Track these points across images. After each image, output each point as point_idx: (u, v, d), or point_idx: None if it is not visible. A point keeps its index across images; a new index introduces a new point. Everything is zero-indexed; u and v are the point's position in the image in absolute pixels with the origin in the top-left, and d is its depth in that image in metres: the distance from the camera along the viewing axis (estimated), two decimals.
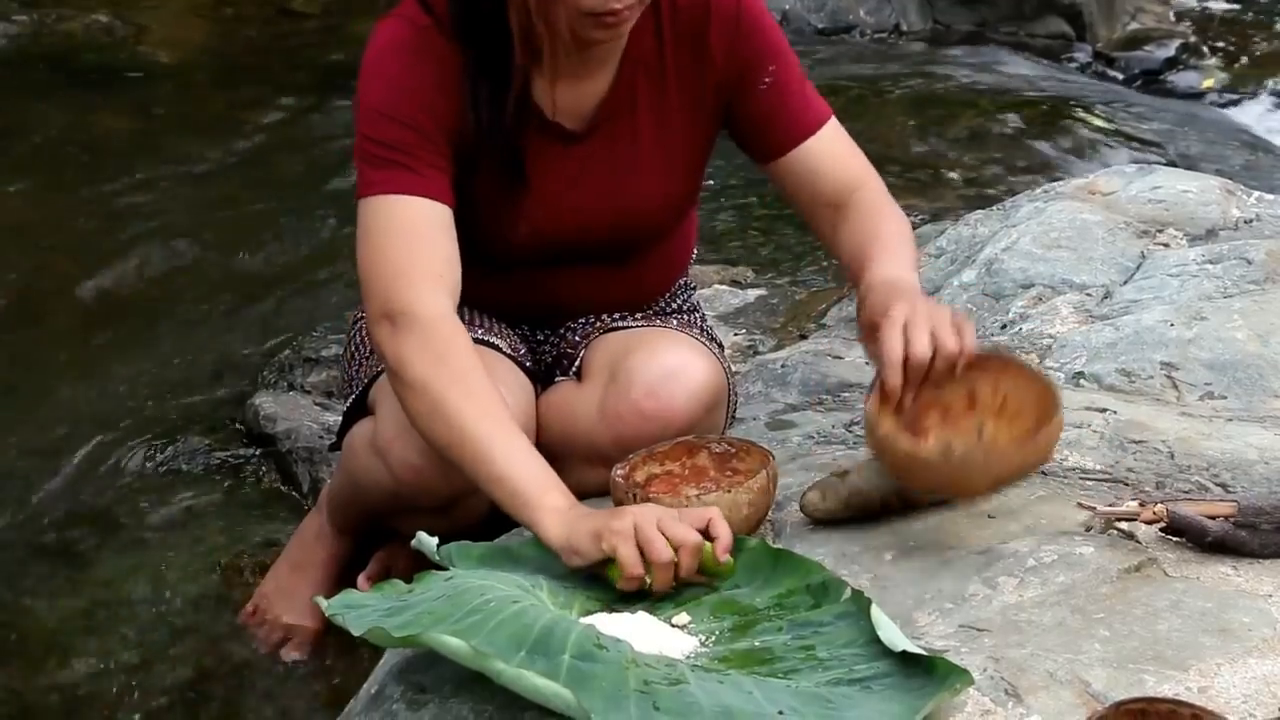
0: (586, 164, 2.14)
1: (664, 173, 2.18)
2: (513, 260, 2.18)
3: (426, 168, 2.00)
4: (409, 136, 2.00)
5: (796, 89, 2.16)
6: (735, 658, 1.68)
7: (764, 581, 1.81)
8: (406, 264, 1.96)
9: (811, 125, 2.17)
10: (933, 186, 4.20)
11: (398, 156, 2.00)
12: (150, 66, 5.03)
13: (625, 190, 2.16)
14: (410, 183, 1.99)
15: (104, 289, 3.52)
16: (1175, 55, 5.65)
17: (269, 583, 2.39)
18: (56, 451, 2.87)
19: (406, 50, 2.04)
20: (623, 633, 1.69)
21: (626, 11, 1.96)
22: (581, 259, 2.21)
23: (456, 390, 1.89)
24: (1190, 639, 1.67)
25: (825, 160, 2.17)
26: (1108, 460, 2.11)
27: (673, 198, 2.22)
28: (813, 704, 1.57)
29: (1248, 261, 2.69)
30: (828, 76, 5.06)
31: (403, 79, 2.02)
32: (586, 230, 2.16)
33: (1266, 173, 4.46)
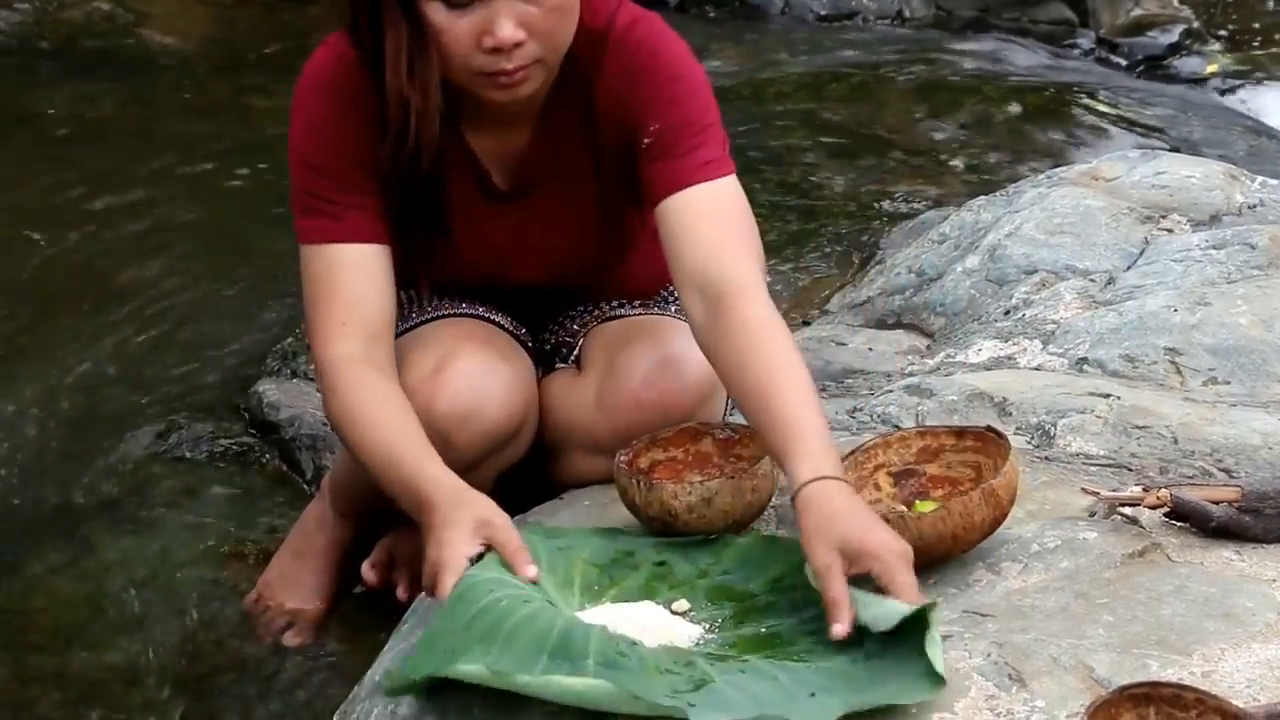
0: (519, 222, 2.12)
1: (596, 225, 2.15)
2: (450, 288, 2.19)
3: (344, 210, 2.02)
4: (327, 183, 2.03)
5: (685, 143, 1.99)
6: (744, 644, 1.69)
7: (755, 569, 1.81)
8: (319, 319, 2.01)
9: (686, 179, 1.97)
10: (936, 173, 4.19)
11: (318, 204, 2.03)
12: (152, 53, 5.02)
13: (562, 246, 2.15)
14: (331, 230, 2.02)
15: (106, 276, 3.51)
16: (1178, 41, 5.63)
17: (272, 570, 2.39)
18: (59, 439, 2.87)
19: (326, 87, 2.04)
20: (630, 627, 1.69)
21: (521, 73, 1.92)
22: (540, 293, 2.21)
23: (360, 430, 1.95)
24: (1194, 624, 1.67)
25: (687, 222, 1.96)
26: (1111, 446, 2.11)
27: (612, 242, 2.19)
28: (840, 681, 1.58)
29: (1251, 247, 2.69)
30: (830, 63, 5.06)
31: (319, 119, 2.04)
32: (531, 279, 2.17)
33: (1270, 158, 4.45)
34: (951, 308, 2.83)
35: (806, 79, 4.80)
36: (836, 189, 3.85)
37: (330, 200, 2.02)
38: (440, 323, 2.17)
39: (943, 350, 2.66)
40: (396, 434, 1.92)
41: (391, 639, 1.91)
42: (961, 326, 2.75)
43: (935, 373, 2.49)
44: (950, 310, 2.83)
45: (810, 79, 4.80)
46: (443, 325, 2.16)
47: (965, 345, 2.62)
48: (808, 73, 4.90)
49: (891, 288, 3.01)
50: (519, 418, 2.10)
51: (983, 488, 1.78)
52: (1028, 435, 2.16)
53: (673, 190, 1.98)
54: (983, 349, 2.57)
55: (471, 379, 2.05)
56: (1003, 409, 2.23)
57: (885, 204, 3.87)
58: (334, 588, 2.37)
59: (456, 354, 2.07)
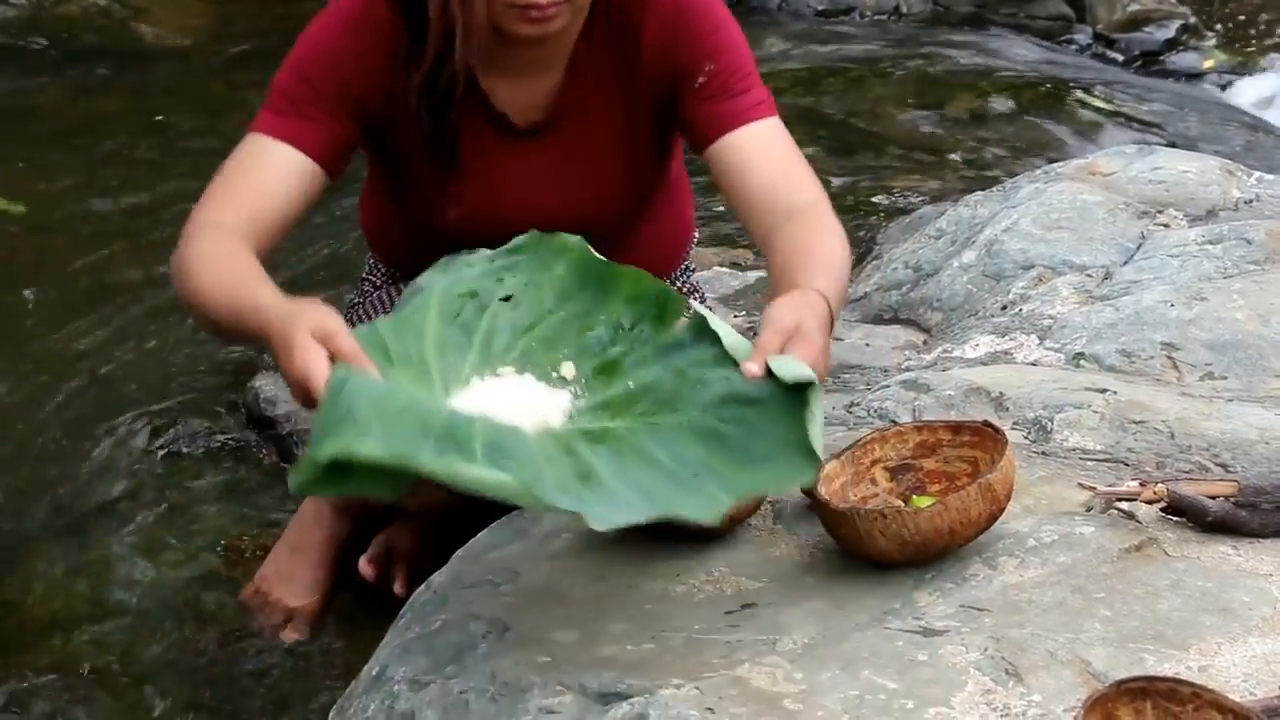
0: (536, 160, 2.13)
1: (615, 171, 2.16)
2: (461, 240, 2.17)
3: (301, 119, 2.02)
4: (301, 90, 2.03)
5: (737, 85, 2.07)
6: (616, 404, 1.69)
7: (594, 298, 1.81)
8: (215, 190, 2.00)
9: (742, 118, 2.06)
10: (933, 168, 4.19)
11: (281, 103, 2.03)
12: (149, 48, 5.02)
13: (577, 188, 2.15)
14: (277, 126, 2.02)
15: (102, 270, 3.51)
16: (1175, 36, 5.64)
17: (269, 565, 2.40)
18: (55, 434, 2.87)
19: (342, 19, 2.06)
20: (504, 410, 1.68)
21: (552, 8, 1.93)
22: None
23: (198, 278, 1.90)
24: (1191, 618, 1.68)
25: (754, 156, 2.05)
26: (1108, 440, 2.11)
27: (632, 194, 2.20)
28: (717, 449, 1.61)
29: (1248, 242, 2.69)
30: (828, 58, 5.06)
31: (324, 43, 2.06)
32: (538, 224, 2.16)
33: (1267, 153, 4.45)
34: (948, 303, 2.83)
35: (803, 74, 4.81)
36: (833, 184, 3.85)
37: (294, 103, 2.02)
38: None
39: (939, 345, 2.66)
40: (231, 275, 1.88)
41: (389, 633, 1.91)
42: (958, 322, 2.75)
43: (932, 368, 2.49)
44: (947, 305, 2.83)
45: (807, 74, 4.80)
46: None
47: (962, 340, 2.62)
48: (805, 67, 4.90)
49: (888, 283, 3.01)
50: None
51: (979, 482, 1.78)
52: (1024, 430, 2.16)
53: (733, 127, 2.05)
54: (979, 344, 2.57)
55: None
56: (999, 404, 2.23)
57: (882, 199, 3.87)
58: (331, 583, 2.37)
59: None
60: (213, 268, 1.89)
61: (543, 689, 1.63)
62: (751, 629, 1.73)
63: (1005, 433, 1.86)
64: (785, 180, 2.04)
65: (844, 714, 1.56)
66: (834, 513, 1.81)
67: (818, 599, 1.78)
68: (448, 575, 1.97)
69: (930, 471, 1.93)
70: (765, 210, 2.01)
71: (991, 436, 1.88)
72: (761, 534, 1.95)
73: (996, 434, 1.87)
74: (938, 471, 1.93)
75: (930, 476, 1.93)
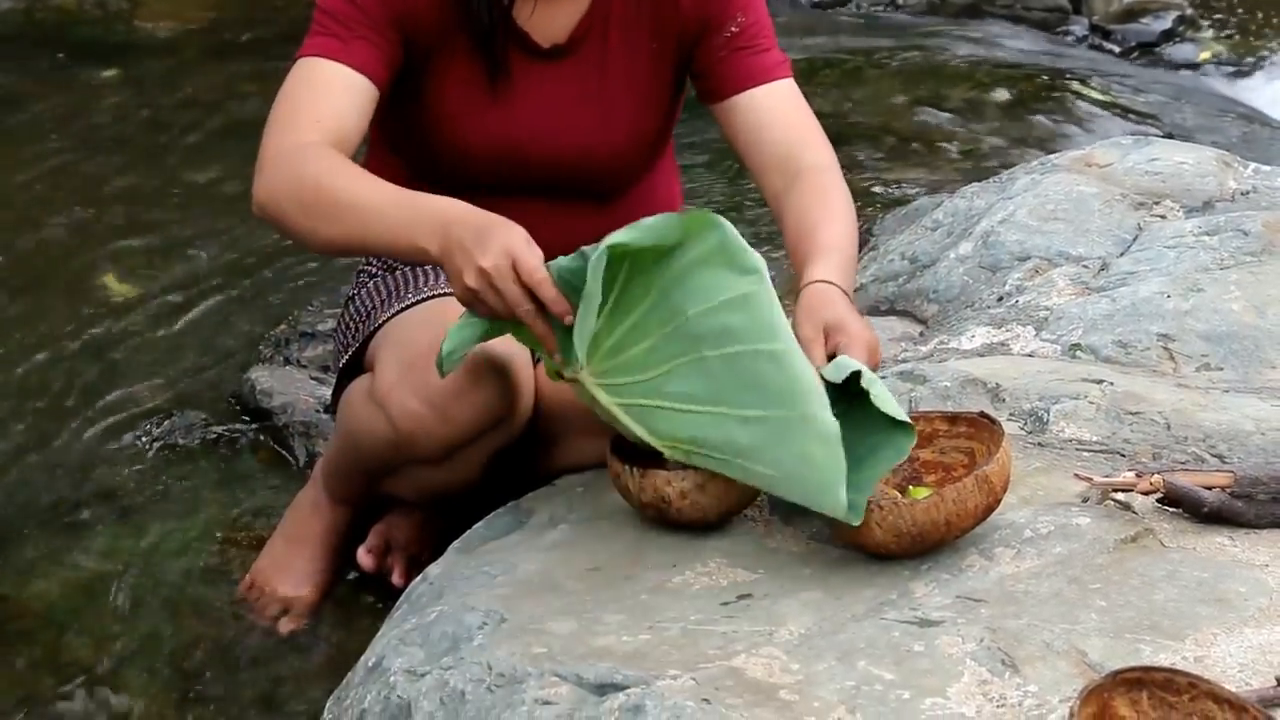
0: (554, 84, 2.16)
1: (630, 106, 2.20)
2: (474, 180, 2.18)
3: (354, 39, 2.05)
4: (349, 11, 2.06)
5: (761, 43, 2.18)
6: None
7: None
8: (287, 112, 2.02)
9: (765, 76, 2.17)
10: (929, 159, 4.19)
11: (332, 26, 2.06)
12: (145, 40, 5.01)
13: (590, 117, 2.18)
14: (333, 49, 2.05)
15: (99, 263, 3.51)
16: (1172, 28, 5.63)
17: (265, 556, 2.39)
18: (52, 426, 2.87)
19: None
20: None
21: None
22: (547, 191, 2.20)
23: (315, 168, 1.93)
24: (1187, 609, 1.68)
25: (773, 114, 2.17)
26: (1104, 431, 2.12)
27: (637, 133, 2.23)
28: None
29: (1244, 233, 2.69)
30: (824, 49, 5.05)
31: None
32: (552, 151, 2.18)
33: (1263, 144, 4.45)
34: (945, 294, 2.83)
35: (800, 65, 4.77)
36: None
37: (345, 24, 2.06)
38: (437, 301, 2.17)
39: (936, 337, 2.65)
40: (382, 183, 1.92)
41: (385, 624, 1.91)
42: (955, 313, 2.75)
43: (928, 359, 2.49)
44: (943, 297, 2.83)
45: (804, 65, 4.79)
46: (440, 303, 2.16)
47: (958, 332, 2.62)
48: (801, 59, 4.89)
49: (885, 274, 3.00)
50: (515, 392, 2.10)
51: (976, 473, 1.78)
52: (1021, 421, 2.17)
53: (757, 83, 2.16)
54: (976, 335, 2.57)
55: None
56: (996, 395, 2.23)
57: (878, 190, 3.86)
58: (328, 573, 2.37)
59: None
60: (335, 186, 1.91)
61: (539, 679, 1.63)
62: (748, 620, 1.73)
63: (1002, 424, 1.87)
64: (801, 141, 2.15)
65: (840, 704, 1.56)
66: None
67: (814, 590, 1.78)
68: (444, 566, 1.98)
69: (926, 462, 1.93)
70: (778, 170, 2.13)
71: (988, 427, 1.88)
72: (757, 525, 1.95)
73: (993, 425, 1.88)
74: (934, 462, 1.93)
75: (926, 467, 1.93)
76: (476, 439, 2.08)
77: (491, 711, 1.62)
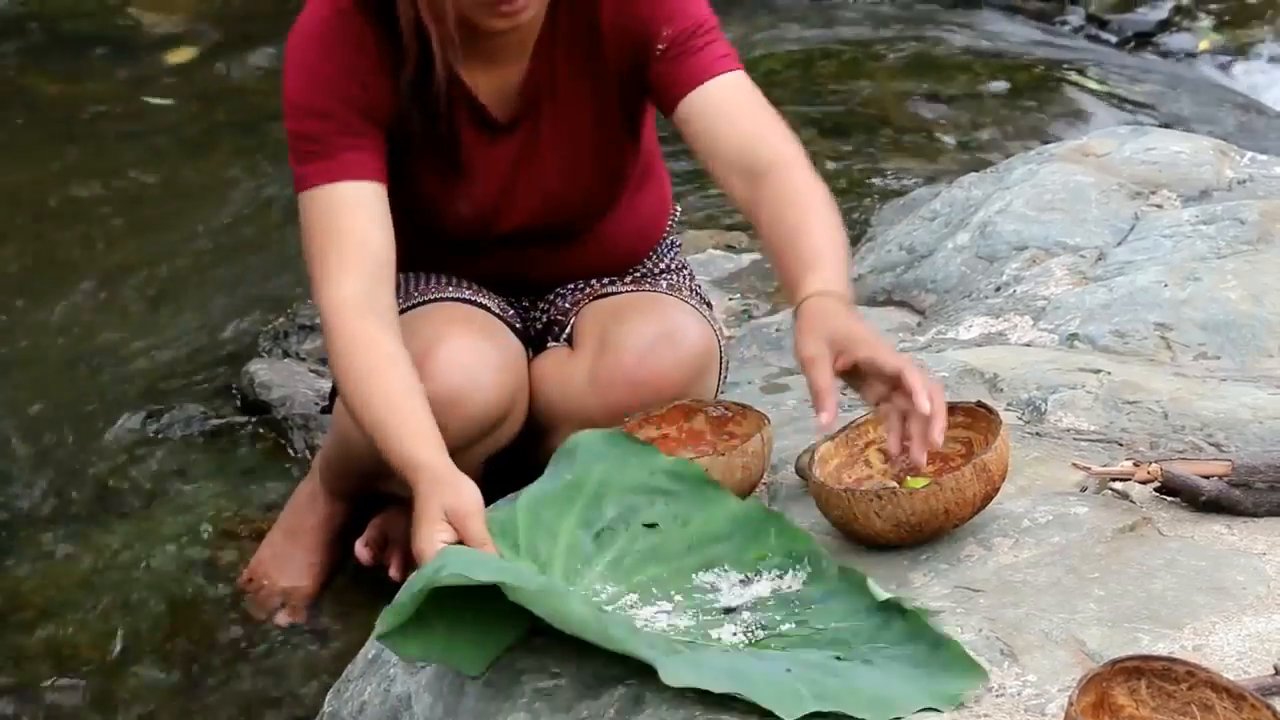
0: (517, 154, 2.13)
1: (590, 153, 2.15)
2: (463, 240, 2.18)
3: (339, 150, 2.02)
4: (323, 126, 2.02)
5: (696, 43, 2.05)
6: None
7: (748, 537, 1.79)
8: (319, 261, 2.00)
9: (707, 72, 2.04)
10: (926, 150, 4.19)
11: (314, 148, 2.02)
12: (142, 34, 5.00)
13: (558, 178, 2.14)
14: (325, 171, 2.02)
15: (98, 257, 3.51)
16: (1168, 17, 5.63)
17: (264, 549, 2.40)
18: (52, 419, 2.87)
19: (322, 36, 2.05)
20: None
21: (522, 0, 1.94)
22: (535, 240, 2.20)
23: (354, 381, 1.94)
24: (1185, 597, 1.68)
25: (722, 109, 2.03)
26: (1102, 421, 2.12)
27: (606, 174, 2.19)
28: (818, 670, 1.58)
29: (1241, 222, 2.69)
30: (821, 40, 5.05)
31: (316, 67, 2.04)
32: (528, 216, 2.16)
33: (1260, 133, 4.45)
34: (942, 284, 2.83)
35: (798, 56, 4.79)
36: (827, 166, 3.84)
37: (324, 142, 2.02)
38: (427, 308, 2.17)
39: (934, 327, 2.66)
40: (389, 406, 1.90)
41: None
42: (952, 303, 2.75)
43: (926, 349, 2.49)
44: (941, 287, 2.83)
45: (801, 56, 4.79)
46: (430, 310, 2.16)
47: (956, 322, 2.62)
48: (799, 50, 4.89)
49: (882, 265, 3.01)
50: (508, 401, 2.10)
51: (974, 462, 1.78)
52: (1019, 411, 2.17)
53: (699, 82, 2.03)
54: (973, 325, 2.57)
55: (459, 363, 2.05)
56: (994, 385, 2.23)
57: (876, 181, 3.86)
58: (327, 566, 2.37)
59: (444, 338, 2.07)
60: (370, 390, 1.91)
61: (537, 672, 1.63)
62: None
63: (999, 413, 1.87)
64: (756, 135, 2.02)
65: None
66: (829, 494, 1.81)
67: None
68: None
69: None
70: (739, 172, 2.01)
71: (986, 417, 1.88)
72: None
73: (991, 415, 1.88)
74: (932, 453, 1.93)
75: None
76: (471, 444, 2.08)
77: (491, 704, 1.62)
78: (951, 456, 1.90)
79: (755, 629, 1.66)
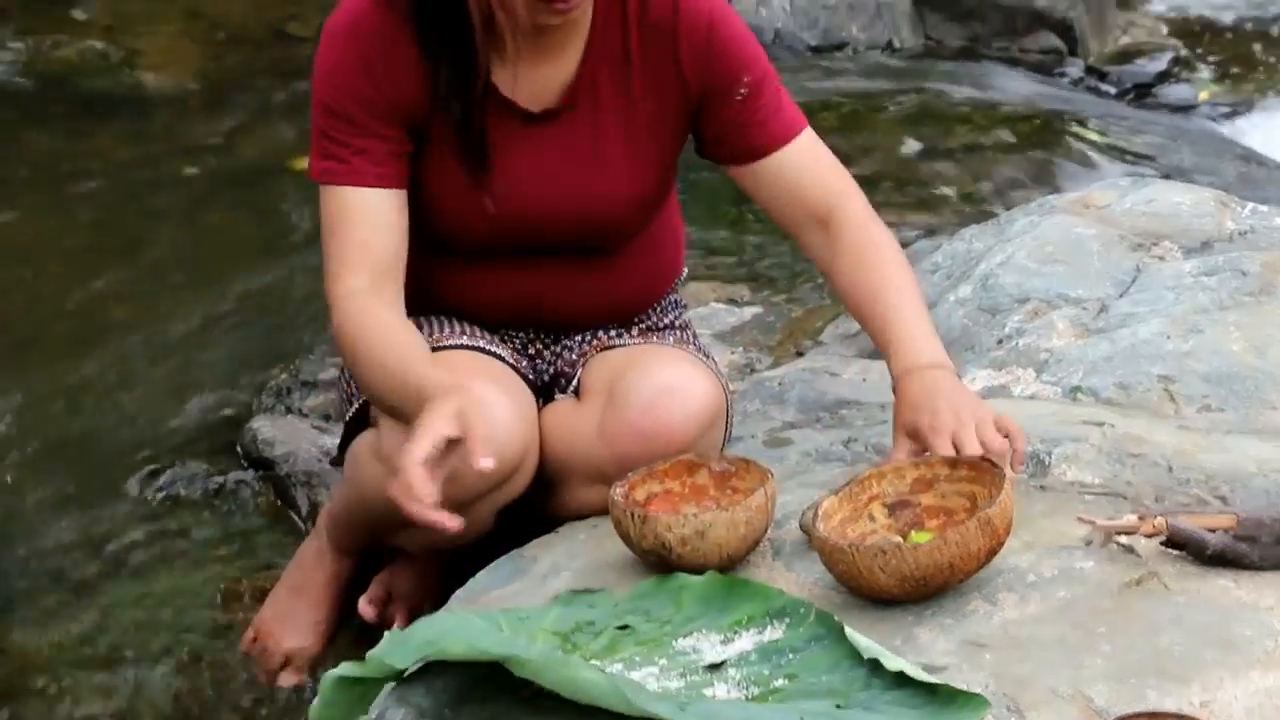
0: (546, 148, 2.16)
1: (626, 168, 2.18)
2: (481, 247, 2.19)
3: (353, 154, 2.10)
4: (341, 127, 2.10)
5: (771, 99, 2.19)
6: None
7: (719, 610, 1.79)
8: (329, 258, 2.12)
9: (789, 133, 2.20)
10: (928, 202, 4.20)
11: (330, 146, 2.11)
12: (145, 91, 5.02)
13: (587, 180, 2.17)
14: (337, 173, 2.10)
15: (99, 313, 3.51)
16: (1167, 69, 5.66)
17: (268, 608, 2.39)
18: (53, 477, 2.86)
19: (352, 33, 2.11)
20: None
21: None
22: (552, 251, 2.21)
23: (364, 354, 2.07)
24: (1192, 652, 1.67)
25: (805, 169, 2.20)
26: (1106, 474, 2.11)
27: (636, 194, 2.21)
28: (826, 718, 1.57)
29: (1243, 273, 2.69)
30: (822, 93, 5.07)
31: (343, 66, 2.11)
32: (551, 218, 2.17)
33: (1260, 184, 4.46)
34: (945, 337, 2.82)
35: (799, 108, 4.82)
36: None
37: (342, 143, 2.10)
38: (442, 354, 2.17)
39: None
40: (400, 352, 2.03)
41: None
42: (955, 356, 2.74)
43: None
44: (943, 340, 2.82)
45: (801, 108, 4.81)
46: (443, 358, 2.16)
47: (959, 375, 2.62)
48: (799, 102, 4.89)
49: None
50: (521, 452, 2.10)
51: (978, 517, 1.78)
52: (1022, 464, 2.16)
53: (783, 143, 2.19)
54: (976, 378, 2.57)
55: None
56: None
57: None
58: (331, 624, 2.36)
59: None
60: (377, 346, 2.05)
61: None
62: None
63: (1003, 467, 1.86)
64: (835, 191, 2.20)
65: None
66: (833, 549, 1.81)
67: None
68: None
69: (928, 507, 1.93)
70: (817, 220, 2.19)
71: (989, 471, 1.88)
72: (760, 570, 1.94)
73: (995, 468, 1.87)
74: (936, 507, 1.92)
75: (929, 512, 1.92)
76: (483, 496, 2.07)
77: None
78: (956, 511, 1.90)
79: (748, 685, 1.66)
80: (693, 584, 1.85)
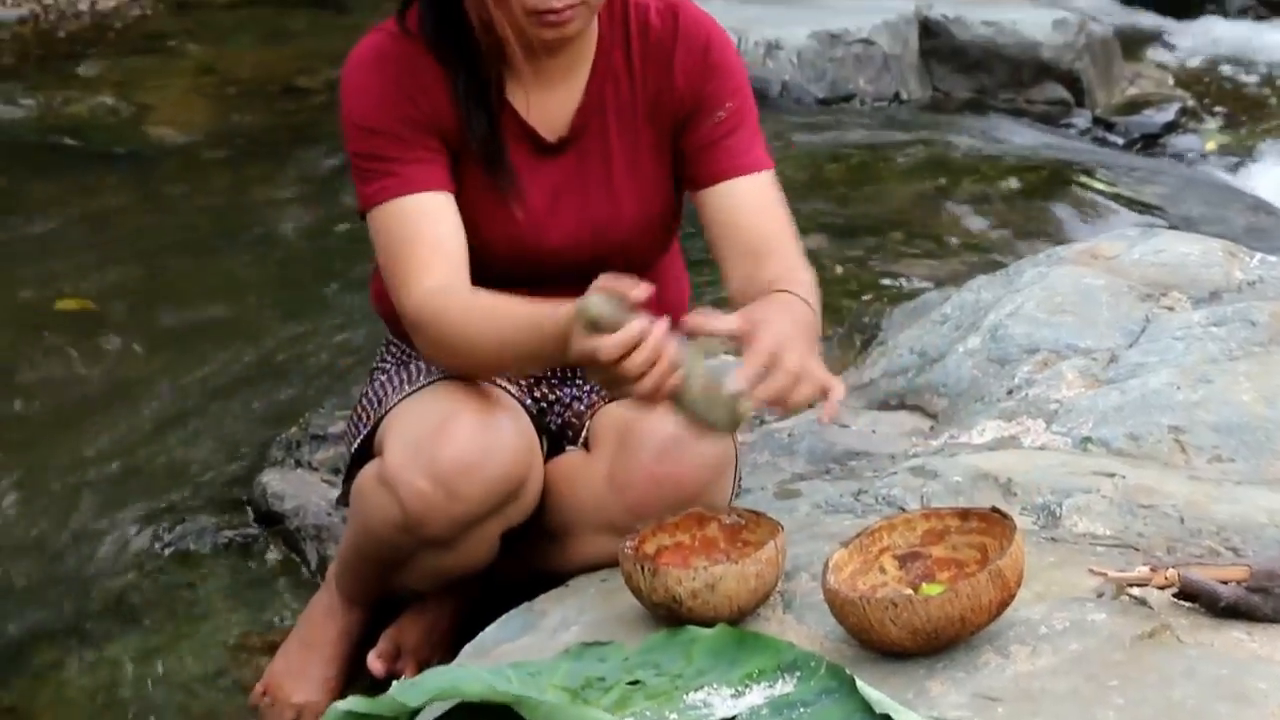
0: (563, 178, 2.18)
1: (637, 190, 2.21)
2: (496, 277, 2.19)
3: (404, 165, 2.10)
4: (384, 144, 2.11)
5: (746, 132, 2.20)
6: None
7: (730, 663, 1.79)
8: (400, 268, 2.09)
9: (752, 167, 2.19)
10: (936, 252, 4.20)
11: (376, 166, 2.11)
12: (156, 146, 5.05)
13: (602, 207, 2.20)
14: (393, 186, 2.11)
15: (109, 367, 3.52)
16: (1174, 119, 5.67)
17: (278, 662, 2.38)
18: (62, 531, 2.86)
19: (378, 59, 2.14)
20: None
21: (569, 11, 2.02)
22: (566, 282, 2.21)
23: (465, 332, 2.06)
24: (1205, 706, 1.66)
25: (754, 205, 2.19)
26: (1117, 525, 2.11)
27: (648, 217, 2.24)
28: None
29: (1252, 324, 2.70)
30: (830, 144, 5.08)
31: (368, 86, 2.13)
32: (568, 247, 2.18)
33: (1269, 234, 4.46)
34: (954, 388, 2.83)
35: (805, 160, 4.83)
36: (837, 270, 3.86)
37: (389, 159, 2.10)
38: (437, 385, 2.18)
39: (946, 431, 2.65)
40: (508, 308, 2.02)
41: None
42: (964, 407, 2.75)
43: (939, 454, 2.48)
44: (953, 391, 2.83)
45: (809, 160, 4.82)
46: (443, 386, 2.17)
47: (968, 426, 2.61)
48: (806, 154, 4.92)
49: (894, 369, 3.01)
50: (524, 468, 2.10)
51: (989, 569, 1.77)
52: (1033, 516, 2.16)
53: (740, 173, 2.18)
54: (986, 429, 2.57)
55: (476, 430, 2.07)
56: (1008, 489, 2.22)
57: (886, 284, 3.87)
58: (341, 678, 2.35)
59: (459, 411, 2.10)
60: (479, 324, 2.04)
61: None
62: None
63: (1014, 518, 1.86)
64: (772, 236, 2.17)
65: None
66: (844, 602, 1.80)
67: None
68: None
69: (939, 559, 1.92)
70: (749, 254, 2.15)
71: (1000, 523, 1.88)
72: (771, 623, 1.94)
73: (1005, 520, 1.87)
74: (946, 559, 1.92)
75: (939, 564, 1.92)
76: (487, 517, 2.08)
77: None
78: (966, 563, 1.90)
79: None
80: (703, 637, 1.84)
